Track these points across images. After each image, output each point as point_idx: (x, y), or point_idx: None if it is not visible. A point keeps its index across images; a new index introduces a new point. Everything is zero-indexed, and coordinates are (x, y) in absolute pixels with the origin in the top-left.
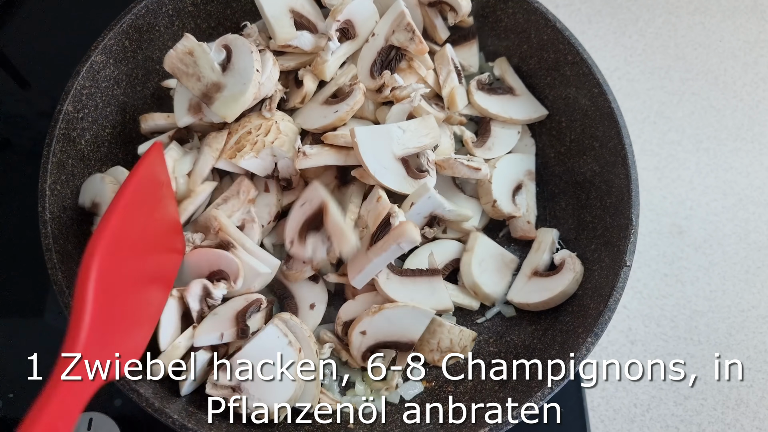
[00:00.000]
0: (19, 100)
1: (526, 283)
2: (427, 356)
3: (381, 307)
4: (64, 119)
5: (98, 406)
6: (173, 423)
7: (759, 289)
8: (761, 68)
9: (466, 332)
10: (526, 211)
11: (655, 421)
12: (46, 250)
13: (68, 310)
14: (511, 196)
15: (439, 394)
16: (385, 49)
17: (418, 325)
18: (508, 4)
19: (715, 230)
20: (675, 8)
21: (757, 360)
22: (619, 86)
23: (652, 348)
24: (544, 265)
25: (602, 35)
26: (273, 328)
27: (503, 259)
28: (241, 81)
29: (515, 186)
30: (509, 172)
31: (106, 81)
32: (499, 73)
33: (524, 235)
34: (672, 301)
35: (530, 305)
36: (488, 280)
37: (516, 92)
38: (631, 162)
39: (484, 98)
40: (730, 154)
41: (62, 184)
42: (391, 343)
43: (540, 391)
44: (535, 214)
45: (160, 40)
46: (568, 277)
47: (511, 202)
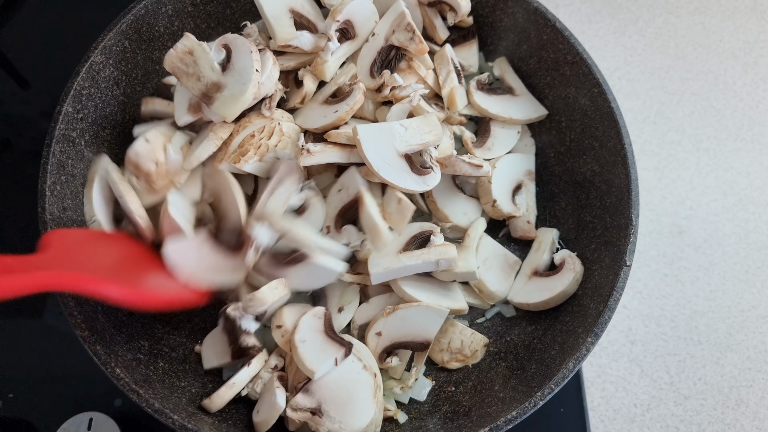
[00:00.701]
0: (19, 100)
1: (526, 283)
2: (436, 357)
3: (395, 307)
4: (64, 119)
5: (98, 406)
6: (173, 423)
7: (759, 289)
8: (761, 68)
9: (478, 336)
10: (526, 211)
11: (655, 421)
12: None
13: (68, 310)
14: (510, 195)
15: (440, 393)
16: (385, 48)
17: (432, 324)
18: (508, 3)
19: (715, 230)
20: (675, 8)
21: (757, 360)
22: (619, 86)
23: (652, 348)
24: (544, 264)
25: (602, 35)
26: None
27: (506, 259)
28: (240, 81)
29: (515, 186)
30: (509, 172)
31: (105, 81)
32: (499, 73)
33: (524, 235)
34: (672, 301)
35: (530, 305)
36: (492, 278)
37: (516, 92)
38: (631, 162)
39: (483, 98)
40: (730, 154)
41: (62, 184)
42: (407, 344)
43: (540, 391)
44: (535, 214)
45: (160, 40)
46: (569, 277)
47: (511, 202)
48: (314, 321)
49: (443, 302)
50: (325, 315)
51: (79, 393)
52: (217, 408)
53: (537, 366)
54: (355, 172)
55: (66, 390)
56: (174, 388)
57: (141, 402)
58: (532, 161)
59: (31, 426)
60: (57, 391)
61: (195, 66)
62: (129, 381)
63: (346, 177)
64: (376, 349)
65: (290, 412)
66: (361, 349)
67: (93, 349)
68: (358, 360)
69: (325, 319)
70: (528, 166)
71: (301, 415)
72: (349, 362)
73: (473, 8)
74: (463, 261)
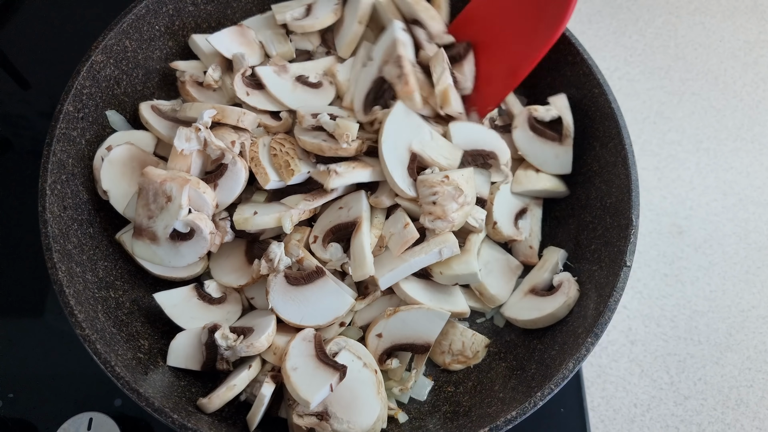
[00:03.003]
0: (19, 100)
1: (521, 299)
2: (438, 359)
3: (396, 309)
4: (64, 119)
5: (98, 405)
6: (173, 423)
7: (759, 289)
8: (761, 68)
9: (479, 337)
10: (529, 236)
11: (655, 421)
12: (46, 250)
13: (68, 310)
14: (513, 219)
15: (440, 393)
16: (378, 80)
17: (433, 326)
18: None
19: (715, 230)
20: (675, 8)
21: (757, 360)
22: (619, 86)
23: (652, 348)
24: (544, 283)
25: (602, 35)
26: (346, 353)
27: (508, 263)
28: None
29: (519, 209)
30: (515, 196)
31: (106, 81)
32: (555, 112)
33: (526, 260)
34: (672, 301)
35: (518, 321)
36: (493, 282)
37: (563, 140)
38: (631, 162)
39: (528, 139)
40: (730, 154)
41: (62, 183)
42: (407, 345)
43: (540, 391)
44: (539, 239)
45: (160, 39)
46: (560, 301)
47: (513, 225)
48: (304, 345)
49: (445, 305)
50: (315, 337)
51: (79, 393)
52: (214, 408)
53: (537, 366)
54: (362, 196)
55: (66, 390)
56: (174, 387)
57: (141, 401)
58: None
59: (31, 426)
60: (57, 391)
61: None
62: (129, 380)
63: (352, 198)
64: (376, 351)
65: (297, 418)
66: (359, 348)
67: (93, 349)
68: (358, 359)
69: (315, 341)
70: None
71: (308, 421)
72: (348, 362)
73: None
74: (464, 264)
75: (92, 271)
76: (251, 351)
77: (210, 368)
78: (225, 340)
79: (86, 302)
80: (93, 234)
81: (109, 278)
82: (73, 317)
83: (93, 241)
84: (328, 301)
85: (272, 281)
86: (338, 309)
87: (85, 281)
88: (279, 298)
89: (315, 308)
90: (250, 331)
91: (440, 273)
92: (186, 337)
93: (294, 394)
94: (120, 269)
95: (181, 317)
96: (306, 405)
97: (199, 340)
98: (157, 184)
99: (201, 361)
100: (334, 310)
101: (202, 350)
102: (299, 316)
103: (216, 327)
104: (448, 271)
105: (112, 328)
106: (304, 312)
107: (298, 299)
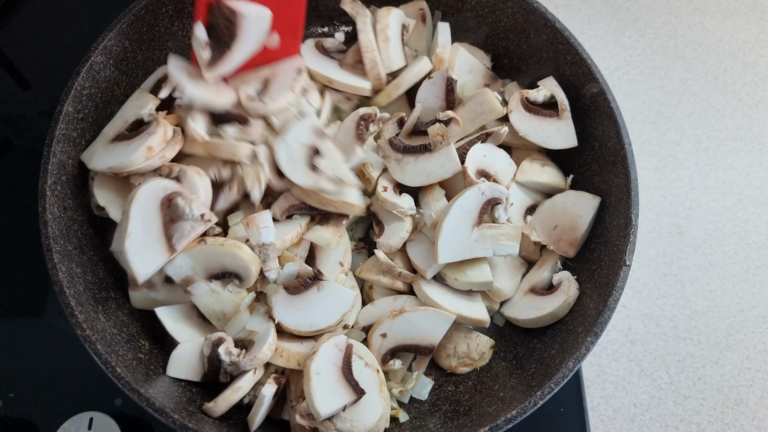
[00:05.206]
0: (19, 100)
1: (521, 298)
2: (443, 363)
3: (402, 310)
4: (64, 119)
5: (98, 405)
6: (173, 423)
7: (759, 289)
8: (761, 68)
9: (483, 338)
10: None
11: (655, 420)
12: (46, 250)
13: (69, 311)
14: (523, 213)
15: (440, 393)
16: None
17: (438, 328)
18: (508, 4)
19: (715, 230)
20: (675, 8)
21: (756, 360)
22: (619, 86)
23: (651, 348)
24: (544, 283)
25: (602, 35)
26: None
27: (513, 260)
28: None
29: (530, 205)
30: (528, 190)
31: (106, 81)
32: (547, 93)
33: (527, 256)
34: (672, 301)
35: (518, 321)
36: (500, 277)
37: (561, 114)
38: (631, 162)
39: (525, 119)
40: (730, 154)
41: (62, 184)
42: (412, 346)
43: (540, 391)
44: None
45: (160, 40)
46: (560, 300)
47: (522, 220)
48: (334, 352)
49: (465, 311)
50: (347, 348)
51: (79, 393)
52: (221, 412)
53: (537, 365)
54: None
55: (66, 390)
56: (174, 387)
57: (141, 401)
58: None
59: (32, 425)
60: (57, 391)
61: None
62: (129, 380)
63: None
64: (380, 351)
65: (299, 419)
66: (360, 348)
67: (93, 349)
68: (359, 358)
69: (345, 353)
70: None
71: (311, 420)
72: None
73: (473, 7)
74: (478, 270)
75: (93, 272)
76: (255, 364)
77: (211, 380)
78: (229, 355)
79: (87, 303)
80: (93, 235)
81: (110, 279)
82: (74, 318)
83: (93, 241)
84: (331, 300)
85: (273, 296)
86: (343, 305)
87: (86, 282)
88: (283, 310)
89: (320, 310)
90: (251, 344)
91: (455, 279)
92: (187, 347)
93: (308, 398)
94: (120, 270)
95: (181, 334)
96: (316, 416)
97: (200, 351)
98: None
99: (202, 372)
100: (340, 307)
101: (203, 362)
102: (308, 323)
103: (221, 341)
104: (463, 277)
105: (112, 329)
106: (311, 317)
107: (302, 306)
